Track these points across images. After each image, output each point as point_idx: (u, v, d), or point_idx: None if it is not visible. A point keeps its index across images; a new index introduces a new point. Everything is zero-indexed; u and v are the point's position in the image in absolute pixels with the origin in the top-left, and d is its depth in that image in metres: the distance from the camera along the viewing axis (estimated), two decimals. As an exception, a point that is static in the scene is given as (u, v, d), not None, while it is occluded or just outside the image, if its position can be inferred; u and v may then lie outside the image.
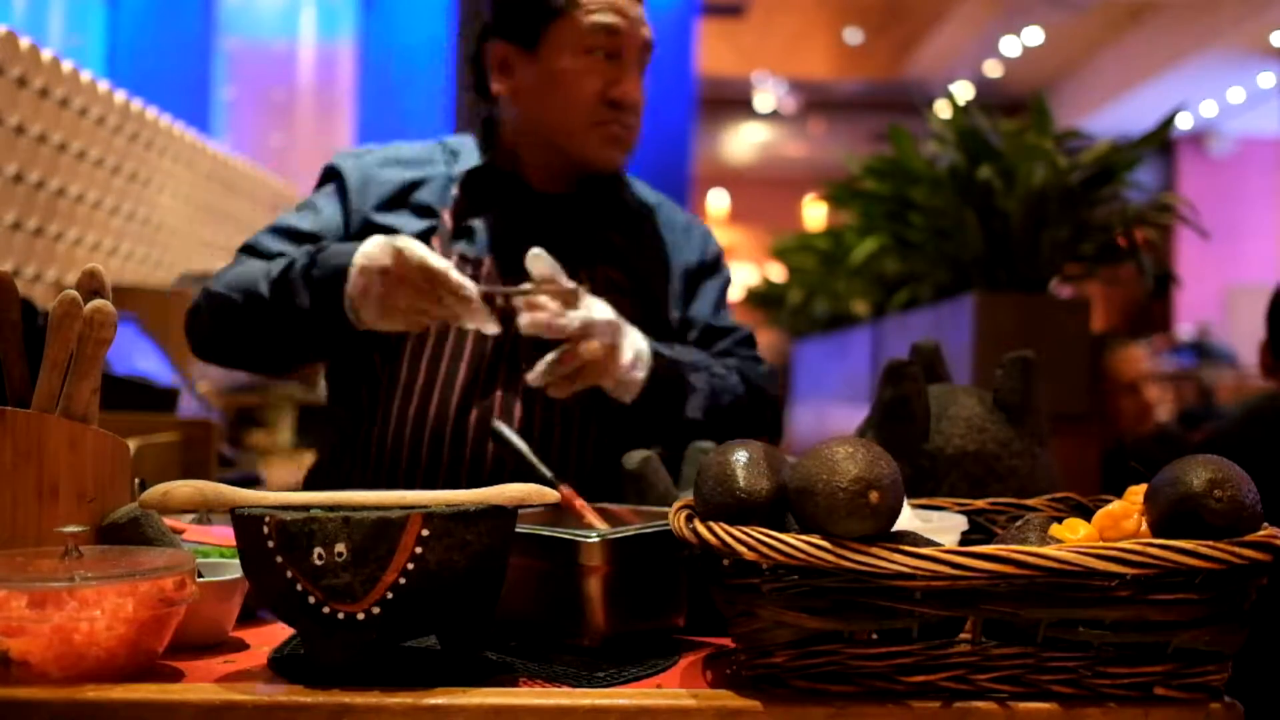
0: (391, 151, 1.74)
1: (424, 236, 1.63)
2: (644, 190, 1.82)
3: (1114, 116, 11.12)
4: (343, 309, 1.46)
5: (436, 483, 1.57)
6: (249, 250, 1.65)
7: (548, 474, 1.32)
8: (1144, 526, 0.96)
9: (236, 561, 1.05)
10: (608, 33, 1.58)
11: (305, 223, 1.66)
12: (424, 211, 1.67)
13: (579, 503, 1.27)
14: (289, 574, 0.94)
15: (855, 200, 2.94)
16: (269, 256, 1.61)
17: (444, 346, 1.61)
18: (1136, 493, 0.99)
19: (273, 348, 1.59)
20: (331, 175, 1.72)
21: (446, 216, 1.66)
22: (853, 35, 12.97)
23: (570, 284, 1.47)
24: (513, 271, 1.61)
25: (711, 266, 1.78)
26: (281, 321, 1.52)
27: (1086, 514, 1.05)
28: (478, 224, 1.66)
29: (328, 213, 1.67)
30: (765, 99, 13.77)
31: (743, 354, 1.74)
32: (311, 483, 1.71)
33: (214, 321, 1.59)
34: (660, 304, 1.70)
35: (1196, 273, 11.52)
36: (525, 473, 1.37)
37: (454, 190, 1.68)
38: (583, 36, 1.58)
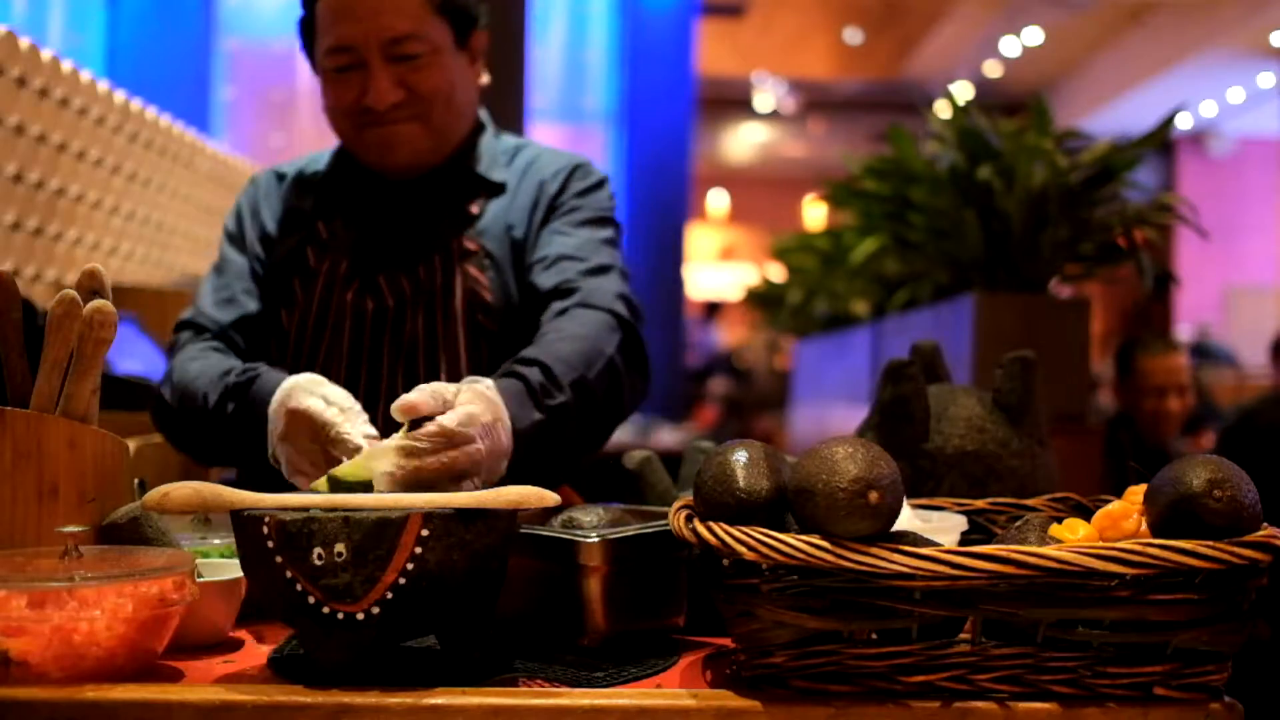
0: (285, 168, 1.78)
1: (301, 246, 1.66)
2: (533, 148, 1.78)
3: (1114, 116, 11.12)
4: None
5: None
6: (189, 326, 1.67)
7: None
8: (1143, 526, 0.96)
9: (236, 561, 1.05)
10: (340, 50, 1.58)
11: (226, 288, 1.68)
12: (300, 221, 1.70)
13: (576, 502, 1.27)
14: (289, 574, 0.94)
15: (855, 200, 2.94)
16: (214, 332, 1.65)
17: (317, 354, 1.63)
18: (1136, 493, 0.99)
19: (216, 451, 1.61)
20: (235, 215, 1.76)
21: (320, 226, 1.69)
22: (853, 35, 12.97)
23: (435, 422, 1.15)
24: (366, 267, 1.63)
25: (566, 197, 1.69)
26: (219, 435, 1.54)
27: (1086, 514, 1.05)
28: (338, 227, 1.68)
29: (237, 264, 1.70)
30: (765, 99, 13.77)
31: (580, 286, 1.57)
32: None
33: (164, 423, 1.63)
34: (520, 261, 1.66)
35: (1196, 273, 11.52)
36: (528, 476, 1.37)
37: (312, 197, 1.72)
38: (325, 56, 1.61)
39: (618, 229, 1.72)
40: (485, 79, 1.74)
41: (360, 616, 0.94)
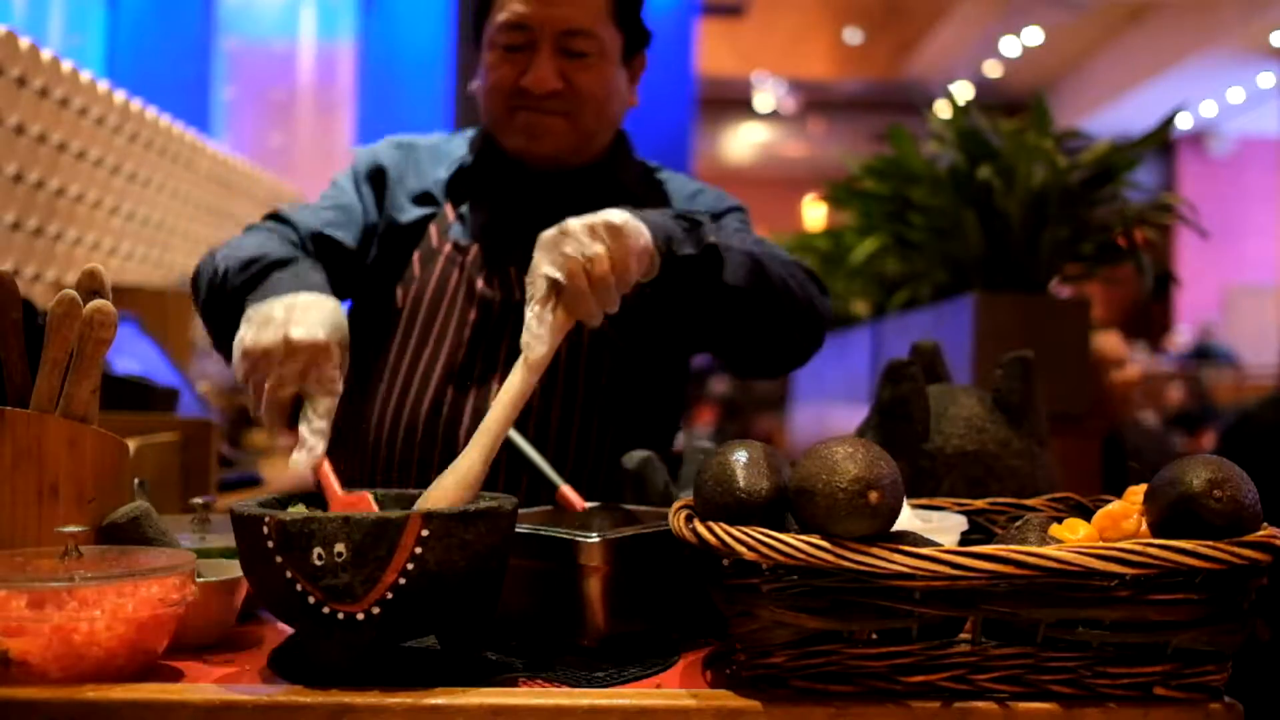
0: (425, 142, 1.76)
1: (424, 223, 1.65)
2: (665, 173, 1.81)
3: (1114, 116, 11.12)
4: None
5: (428, 478, 1.56)
6: (273, 216, 1.65)
7: (557, 479, 1.31)
8: (1143, 526, 0.96)
9: (236, 561, 1.05)
10: (515, 27, 1.58)
11: (330, 209, 1.66)
12: (427, 200, 1.69)
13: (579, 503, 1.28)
14: (288, 574, 0.94)
15: (855, 200, 2.94)
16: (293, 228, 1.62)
17: (429, 334, 1.61)
18: (1136, 493, 0.99)
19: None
20: (371, 166, 1.73)
21: (448, 207, 1.68)
22: (852, 35, 12.98)
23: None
24: (499, 256, 1.61)
25: (717, 217, 1.70)
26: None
27: (1086, 514, 1.05)
28: (468, 211, 1.67)
29: (350, 201, 1.68)
30: (765, 99, 13.77)
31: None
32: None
33: (197, 296, 1.57)
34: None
35: (1196, 273, 11.52)
36: (534, 478, 1.37)
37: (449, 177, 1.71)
38: (497, 32, 1.61)
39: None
40: (635, 101, 1.76)
41: (360, 616, 0.94)
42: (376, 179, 1.70)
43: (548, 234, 1.21)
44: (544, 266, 1.19)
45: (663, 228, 1.31)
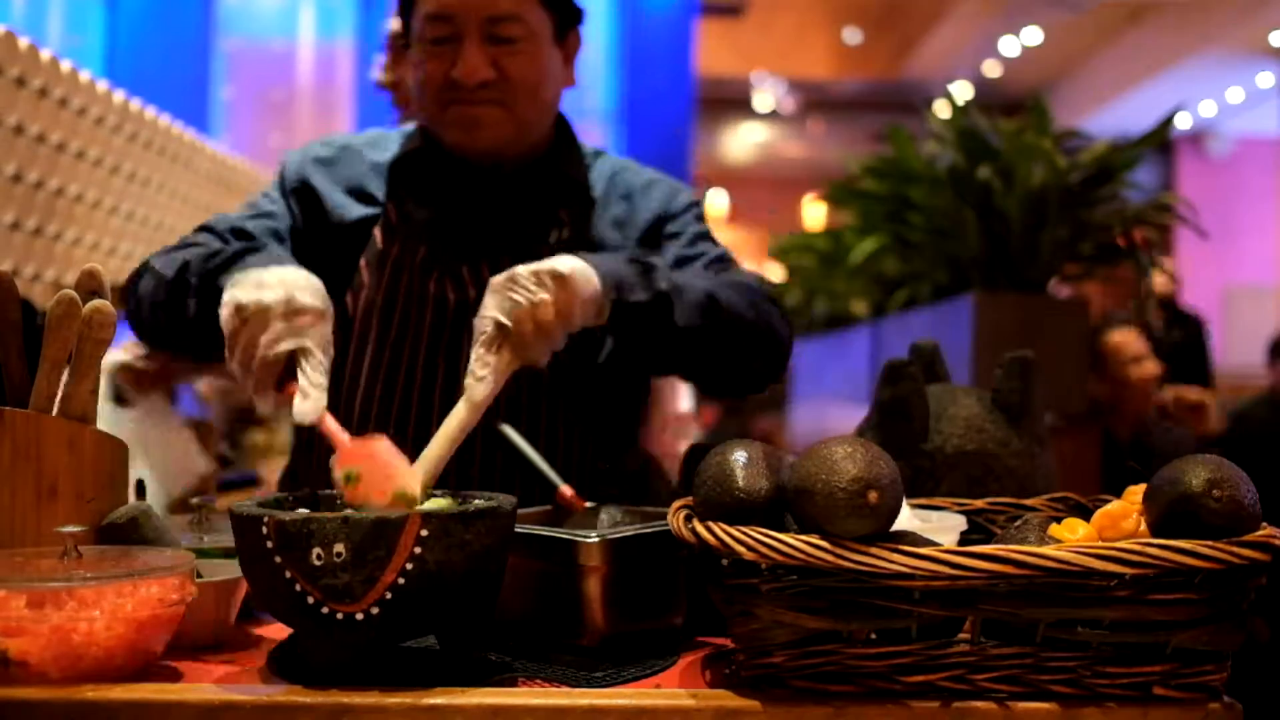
0: (359, 140, 1.73)
1: (367, 225, 1.63)
2: (609, 159, 1.78)
3: (1113, 116, 11.11)
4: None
5: None
6: (205, 230, 1.62)
7: (556, 479, 1.31)
8: (1143, 526, 0.96)
9: (236, 561, 1.05)
10: (439, 18, 1.55)
11: (256, 220, 1.63)
12: (367, 199, 1.66)
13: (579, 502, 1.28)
14: (288, 574, 0.94)
15: (854, 200, 2.94)
16: (221, 239, 1.58)
17: (385, 341, 1.58)
18: (1135, 493, 0.99)
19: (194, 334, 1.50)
20: (297, 181, 1.70)
21: (390, 206, 1.65)
22: (852, 35, 12.97)
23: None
24: (449, 256, 1.59)
25: (673, 216, 1.70)
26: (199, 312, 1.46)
27: (1085, 514, 1.05)
28: (412, 209, 1.64)
29: (274, 212, 1.65)
30: (764, 99, 13.76)
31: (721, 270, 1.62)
32: (285, 485, 1.70)
33: (143, 299, 1.53)
34: None
35: (1195, 272, 11.51)
36: (531, 475, 1.37)
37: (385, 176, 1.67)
38: (422, 25, 1.58)
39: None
40: (573, 80, 1.72)
41: (359, 617, 0.94)
42: (301, 192, 1.66)
43: (497, 279, 1.24)
44: (491, 310, 1.22)
45: (614, 274, 1.34)
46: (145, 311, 1.52)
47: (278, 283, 1.21)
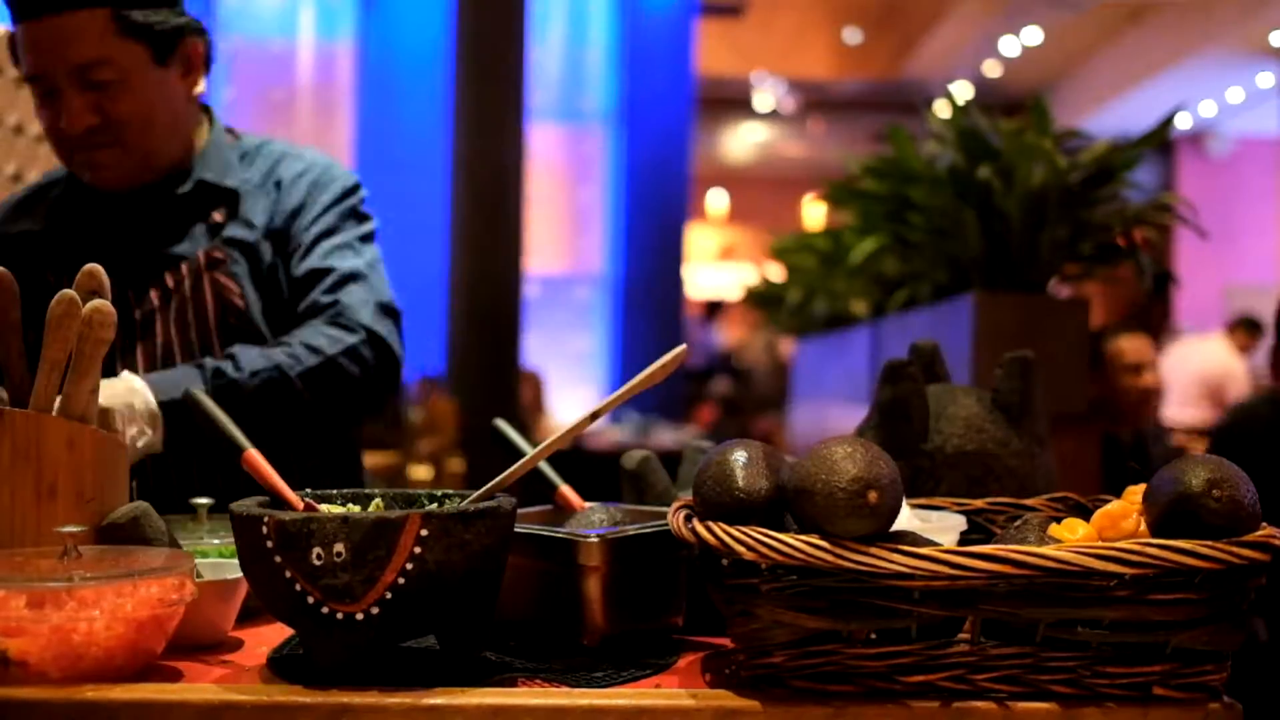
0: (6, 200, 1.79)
1: (39, 272, 1.64)
2: (275, 146, 1.80)
3: (1113, 116, 11.11)
4: None
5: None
6: None
7: (556, 479, 1.31)
8: (1142, 526, 0.96)
9: (236, 561, 1.05)
10: (34, 78, 1.59)
11: None
12: (33, 245, 1.69)
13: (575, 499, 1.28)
14: (288, 574, 0.94)
15: (854, 200, 2.94)
16: None
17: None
18: (1135, 493, 0.99)
19: None
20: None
21: (56, 246, 1.69)
22: (852, 35, 12.97)
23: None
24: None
25: (304, 220, 1.72)
26: None
27: (1085, 514, 1.05)
28: (71, 245, 1.68)
29: None
30: (764, 99, 13.77)
31: (326, 303, 1.67)
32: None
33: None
34: (272, 267, 1.70)
35: (1195, 273, 11.51)
36: (530, 476, 1.37)
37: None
38: (26, 83, 1.63)
39: (368, 223, 1.78)
40: (201, 87, 1.75)
41: (359, 616, 0.94)
42: None
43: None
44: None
45: (169, 387, 1.46)
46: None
47: None
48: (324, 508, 1.08)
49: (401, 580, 0.93)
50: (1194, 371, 6.95)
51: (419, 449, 5.24)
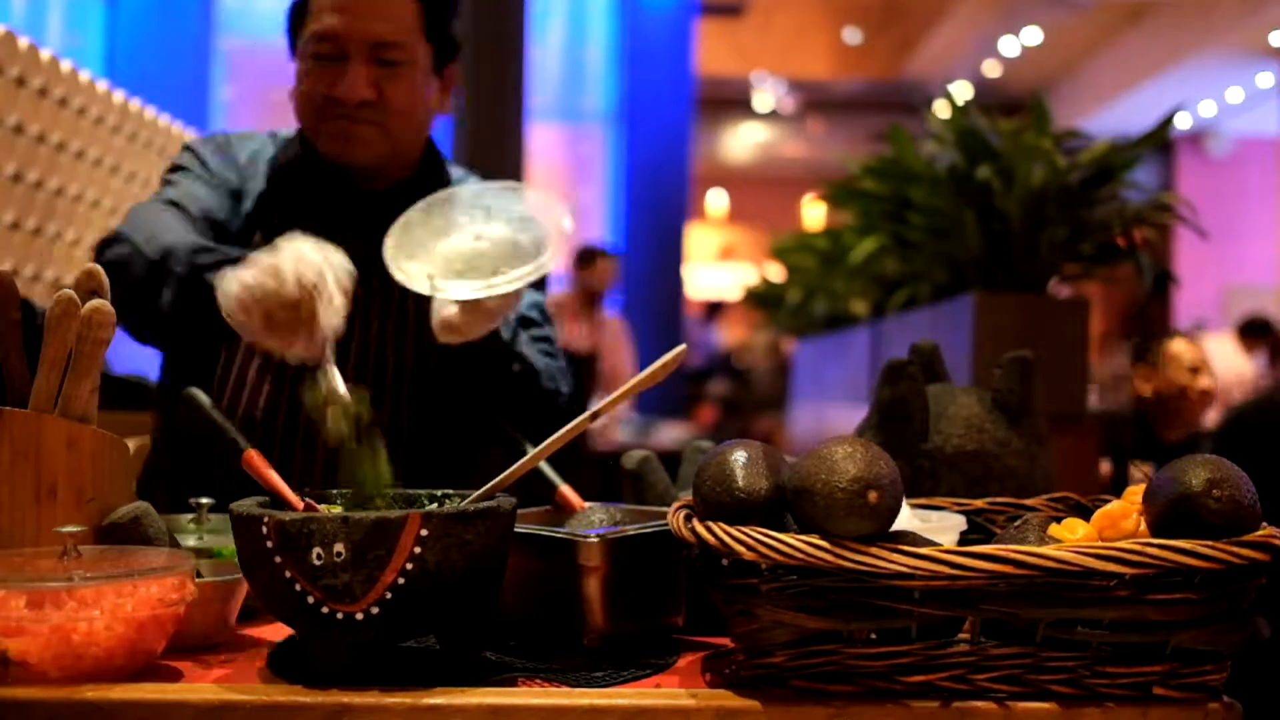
0: (237, 138, 1.79)
1: (249, 233, 1.67)
2: (474, 181, 1.82)
3: (1113, 116, 11.11)
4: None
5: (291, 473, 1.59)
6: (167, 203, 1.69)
7: (556, 479, 1.31)
8: (1142, 526, 0.96)
9: (236, 561, 1.05)
10: (326, 38, 1.62)
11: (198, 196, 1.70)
12: (256, 204, 1.70)
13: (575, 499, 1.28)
14: (288, 574, 0.94)
15: (854, 200, 2.94)
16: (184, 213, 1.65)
17: (269, 364, 1.63)
18: (1135, 493, 0.99)
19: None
20: (191, 157, 1.77)
21: (276, 217, 1.67)
22: (852, 35, 12.98)
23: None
24: None
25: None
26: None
27: (1085, 514, 1.05)
28: (297, 223, 1.65)
29: (202, 193, 1.71)
30: (764, 99, 13.77)
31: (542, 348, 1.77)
32: (150, 479, 1.71)
33: (114, 272, 1.57)
34: None
35: (1195, 272, 11.52)
36: (530, 476, 1.37)
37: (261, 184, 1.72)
38: (309, 42, 1.65)
39: None
40: (448, 112, 1.79)
41: (359, 616, 0.94)
42: (229, 162, 1.73)
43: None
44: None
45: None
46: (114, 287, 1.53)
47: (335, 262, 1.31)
48: (324, 508, 1.08)
49: (401, 580, 0.93)
50: None
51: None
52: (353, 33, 1.61)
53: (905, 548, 0.89)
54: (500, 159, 6.51)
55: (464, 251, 1.45)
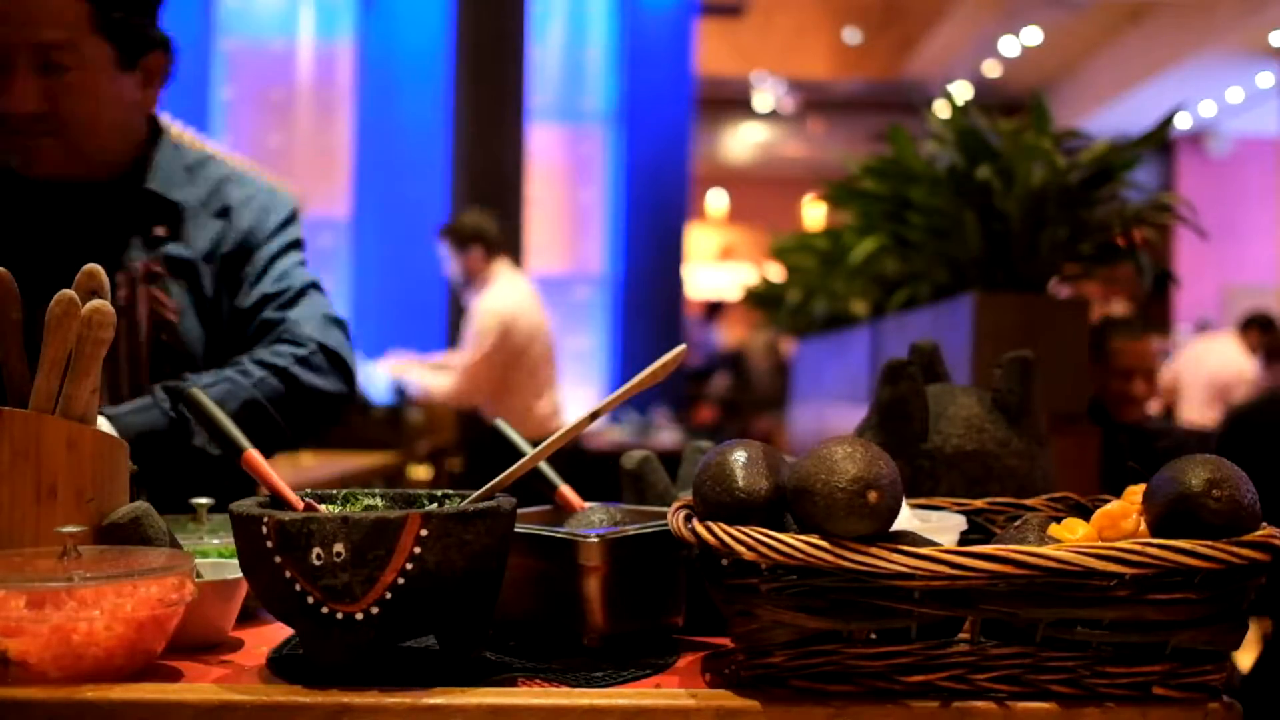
0: None
1: None
2: (219, 166, 1.76)
3: (1113, 116, 11.12)
4: None
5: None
6: None
7: (556, 479, 1.31)
8: (1142, 526, 0.96)
9: (236, 561, 1.05)
10: None
11: None
12: None
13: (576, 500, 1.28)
14: (287, 574, 0.94)
15: (854, 200, 2.94)
16: None
17: None
18: (1135, 492, 0.99)
19: None
20: None
21: None
22: (852, 35, 12.98)
23: None
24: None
25: (258, 246, 1.71)
26: None
27: (1085, 514, 1.05)
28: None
29: None
30: (764, 99, 13.77)
31: (275, 320, 1.68)
32: None
33: None
34: (216, 292, 1.68)
35: (1195, 272, 11.52)
36: (530, 476, 1.37)
37: None
38: None
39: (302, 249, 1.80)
40: (154, 104, 1.70)
41: (359, 616, 0.94)
42: None
43: None
44: None
45: (134, 425, 1.46)
46: None
47: None
48: (324, 508, 1.08)
49: (401, 580, 0.93)
50: (1206, 374, 6.94)
51: (419, 449, 5.23)
52: (11, 40, 1.50)
53: (905, 548, 0.89)
54: (500, 159, 6.51)
55: None
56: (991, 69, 12.32)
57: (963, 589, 0.91)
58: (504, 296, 4.75)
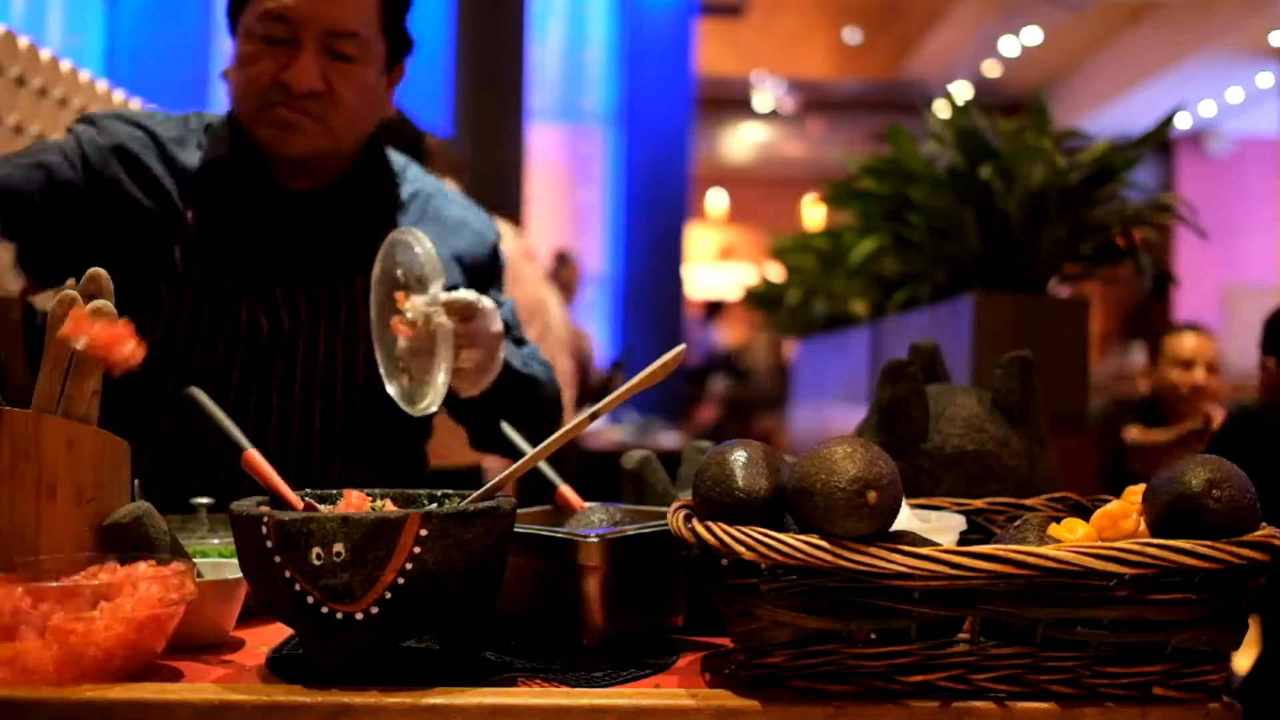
0: (146, 120, 1.64)
1: (163, 239, 1.56)
2: (419, 174, 1.77)
3: (1113, 116, 11.12)
4: None
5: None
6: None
7: (556, 479, 1.31)
8: (1142, 526, 0.96)
9: (236, 561, 1.05)
10: (277, 19, 1.52)
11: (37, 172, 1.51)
12: (161, 197, 1.57)
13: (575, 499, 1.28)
14: (287, 574, 0.94)
15: (854, 200, 2.94)
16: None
17: (188, 371, 1.54)
18: (1135, 492, 0.99)
19: None
20: (79, 134, 1.59)
21: (190, 217, 1.58)
22: (852, 35, 12.98)
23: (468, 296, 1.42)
24: (259, 279, 1.56)
25: (479, 268, 1.74)
26: None
27: (1085, 514, 1.05)
28: (210, 222, 1.58)
29: (63, 170, 1.53)
30: (764, 99, 13.77)
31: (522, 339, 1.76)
32: None
33: None
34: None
35: (1195, 272, 11.51)
36: (530, 476, 1.37)
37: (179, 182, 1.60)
38: (258, 21, 1.54)
39: None
40: (392, 113, 1.74)
41: (359, 616, 0.94)
42: (103, 174, 1.55)
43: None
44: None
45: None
46: None
47: None
48: (324, 508, 1.08)
49: (401, 580, 0.93)
50: None
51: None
52: (309, 16, 1.51)
53: (905, 548, 0.89)
54: (500, 159, 6.51)
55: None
56: (991, 69, 12.32)
57: (963, 589, 0.91)
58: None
